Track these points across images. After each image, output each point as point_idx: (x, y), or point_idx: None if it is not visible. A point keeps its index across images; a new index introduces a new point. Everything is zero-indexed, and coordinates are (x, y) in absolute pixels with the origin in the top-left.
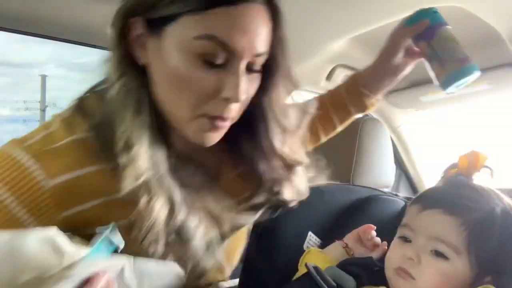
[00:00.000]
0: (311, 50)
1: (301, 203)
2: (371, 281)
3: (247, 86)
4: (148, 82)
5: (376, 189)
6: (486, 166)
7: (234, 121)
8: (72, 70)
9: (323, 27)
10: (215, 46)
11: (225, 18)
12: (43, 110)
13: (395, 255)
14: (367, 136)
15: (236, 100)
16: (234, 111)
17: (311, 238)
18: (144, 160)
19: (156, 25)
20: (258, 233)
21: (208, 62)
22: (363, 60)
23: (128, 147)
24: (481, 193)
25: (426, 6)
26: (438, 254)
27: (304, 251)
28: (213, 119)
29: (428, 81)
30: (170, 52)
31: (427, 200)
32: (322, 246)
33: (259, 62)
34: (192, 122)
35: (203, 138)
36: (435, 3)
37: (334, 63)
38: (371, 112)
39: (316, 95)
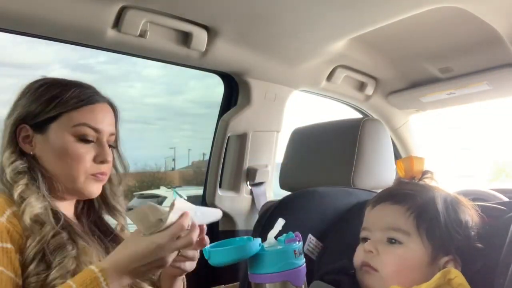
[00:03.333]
0: (311, 51)
1: (301, 206)
2: (351, 284)
3: (110, 153)
4: (38, 163)
5: (375, 192)
6: (426, 170)
7: (107, 176)
8: (75, 71)
9: (324, 28)
10: (87, 129)
11: (90, 111)
12: None
13: (357, 253)
14: (367, 136)
15: (107, 161)
16: (108, 168)
17: (311, 241)
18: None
19: (42, 126)
20: (258, 236)
21: (83, 140)
22: (363, 60)
23: (23, 199)
24: (423, 185)
25: (425, 7)
26: (393, 241)
27: (304, 253)
28: (97, 176)
29: (428, 82)
30: (57, 139)
31: (376, 198)
32: (322, 249)
33: (112, 140)
34: (83, 181)
35: (91, 190)
36: (435, 4)
37: (334, 63)
38: (372, 112)
39: None
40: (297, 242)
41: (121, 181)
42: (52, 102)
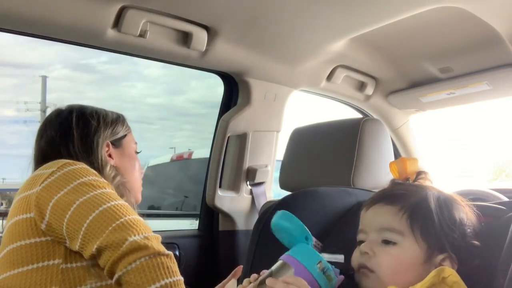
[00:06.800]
0: (311, 50)
1: (301, 206)
2: (350, 285)
3: None
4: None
5: (375, 192)
6: (420, 171)
7: None
8: (76, 71)
9: (324, 28)
10: (136, 146)
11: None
12: (43, 111)
13: (354, 256)
14: (367, 136)
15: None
16: None
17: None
18: None
19: (119, 141)
20: (259, 235)
21: (136, 153)
22: (363, 60)
23: None
24: (416, 185)
25: (425, 7)
26: (387, 242)
27: None
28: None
29: (428, 82)
30: (127, 153)
31: (370, 200)
32: (322, 249)
33: None
34: (140, 186)
35: (140, 198)
36: (435, 4)
37: (334, 63)
38: (372, 112)
39: None
40: (332, 267)
41: None
42: (123, 124)
